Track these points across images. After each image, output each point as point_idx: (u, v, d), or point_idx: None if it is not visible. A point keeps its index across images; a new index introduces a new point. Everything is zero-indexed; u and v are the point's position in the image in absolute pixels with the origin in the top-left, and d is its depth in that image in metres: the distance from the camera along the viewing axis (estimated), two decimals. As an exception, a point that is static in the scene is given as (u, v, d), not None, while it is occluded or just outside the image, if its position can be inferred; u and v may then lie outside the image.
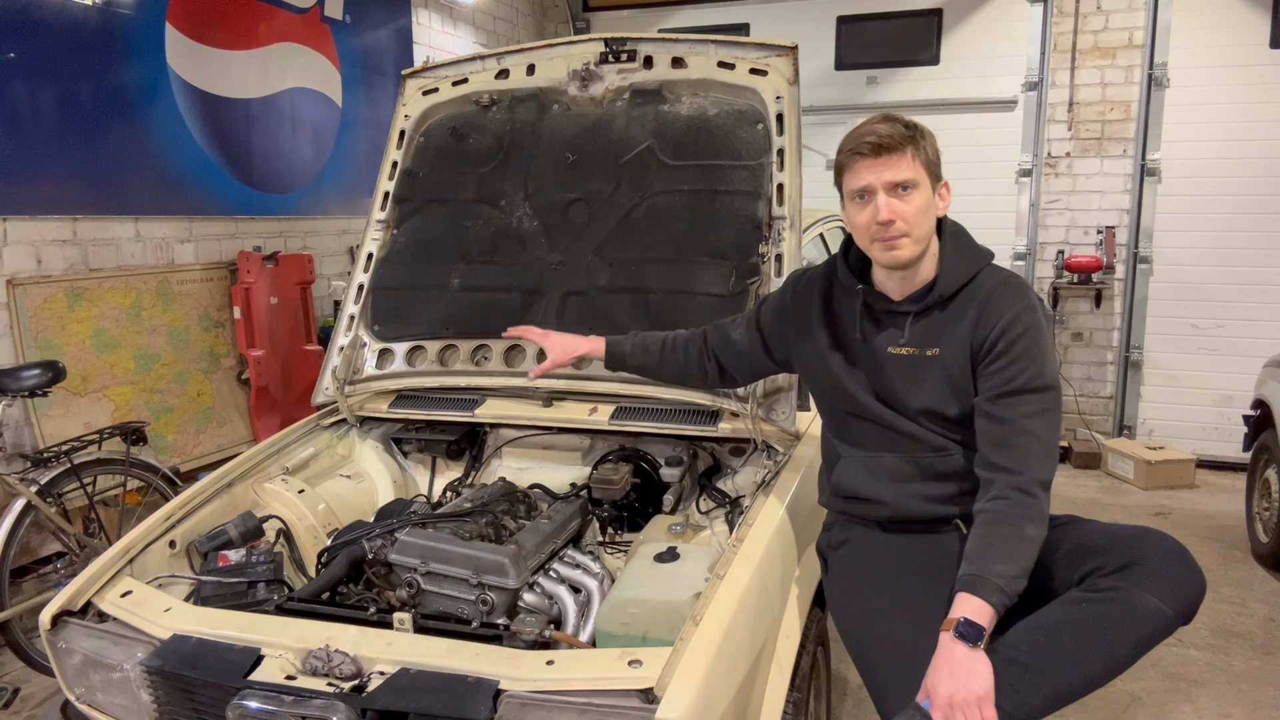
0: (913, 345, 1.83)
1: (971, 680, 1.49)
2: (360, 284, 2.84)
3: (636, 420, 2.42)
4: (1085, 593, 1.59)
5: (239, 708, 1.57)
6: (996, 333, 1.73)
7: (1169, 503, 5.13)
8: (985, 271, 1.83)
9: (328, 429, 2.73)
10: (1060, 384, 1.79)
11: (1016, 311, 1.74)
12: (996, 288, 1.79)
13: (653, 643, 1.72)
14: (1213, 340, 5.83)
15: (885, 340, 1.87)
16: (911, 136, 1.75)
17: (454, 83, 2.89)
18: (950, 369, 1.79)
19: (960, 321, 1.79)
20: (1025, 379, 1.70)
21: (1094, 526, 1.77)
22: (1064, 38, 5.95)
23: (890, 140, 1.72)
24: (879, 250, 1.78)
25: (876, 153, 1.73)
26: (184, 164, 4.18)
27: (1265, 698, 3.03)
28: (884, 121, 1.76)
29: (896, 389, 1.86)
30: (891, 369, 1.86)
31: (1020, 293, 1.78)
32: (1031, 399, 1.70)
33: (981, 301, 1.78)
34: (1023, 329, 1.72)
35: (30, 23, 3.46)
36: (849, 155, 1.77)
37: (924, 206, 1.76)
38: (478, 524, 2.19)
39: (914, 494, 1.87)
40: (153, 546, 2.08)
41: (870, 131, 1.74)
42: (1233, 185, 5.66)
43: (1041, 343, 1.73)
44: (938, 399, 1.81)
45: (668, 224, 2.57)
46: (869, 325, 1.90)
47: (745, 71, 2.56)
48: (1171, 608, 1.55)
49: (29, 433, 3.49)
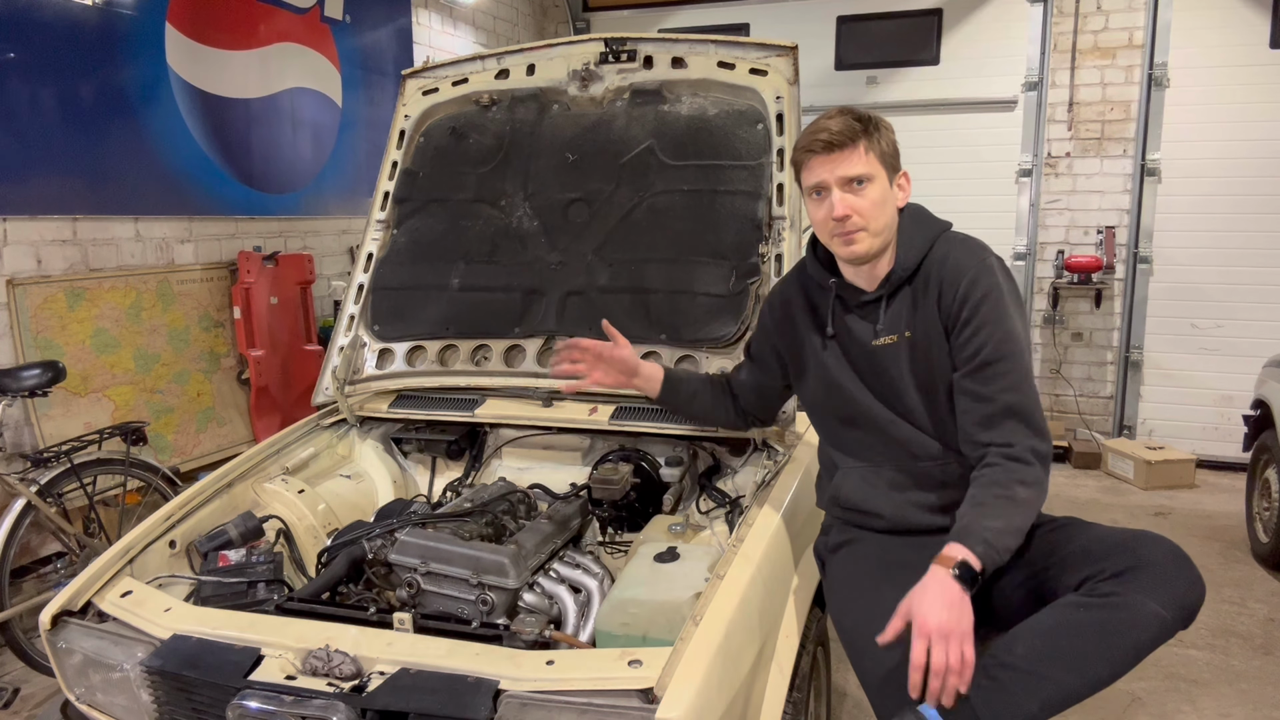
0: (891, 332, 1.85)
1: (963, 618, 1.50)
2: (360, 284, 2.84)
3: (636, 420, 2.42)
4: (1084, 597, 1.58)
5: (239, 708, 1.57)
6: (959, 301, 1.75)
7: (1169, 503, 5.13)
8: (941, 240, 1.85)
9: (328, 429, 2.73)
10: (1027, 341, 1.79)
11: (973, 275, 1.75)
12: (951, 253, 1.81)
13: (653, 643, 1.72)
14: (1213, 340, 5.83)
15: (865, 333, 1.89)
16: (865, 129, 1.76)
17: (454, 83, 2.90)
18: (928, 348, 1.81)
19: (926, 297, 1.81)
20: (994, 346, 1.71)
21: (1093, 530, 1.75)
22: (1064, 38, 5.95)
23: (841, 136, 1.74)
24: (838, 245, 1.81)
25: (828, 149, 1.75)
26: (184, 164, 4.18)
27: (1265, 698, 3.03)
28: (836, 116, 1.77)
29: (890, 380, 1.87)
30: (880, 361, 1.87)
31: (975, 255, 1.79)
32: (1006, 367, 1.71)
33: (942, 271, 1.79)
34: (982, 293, 1.74)
35: (30, 23, 3.46)
36: (803, 152, 1.79)
37: (880, 200, 1.78)
38: (478, 524, 2.19)
39: (912, 504, 1.87)
40: (153, 546, 2.08)
41: (822, 129, 1.76)
42: (1233, 185, 5.66)
43: (1003, 303, 1.74)
44: (927, 381, 1.82)
45: (668, 224, 2.57)
46: (846, 319, 1.92)
47: (745, 71, 2.56)
48: (1171, 613, 1.54)
49: (29, 433, 3.49)
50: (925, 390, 1.84)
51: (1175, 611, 1.54)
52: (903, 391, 1.86)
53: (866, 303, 1.89)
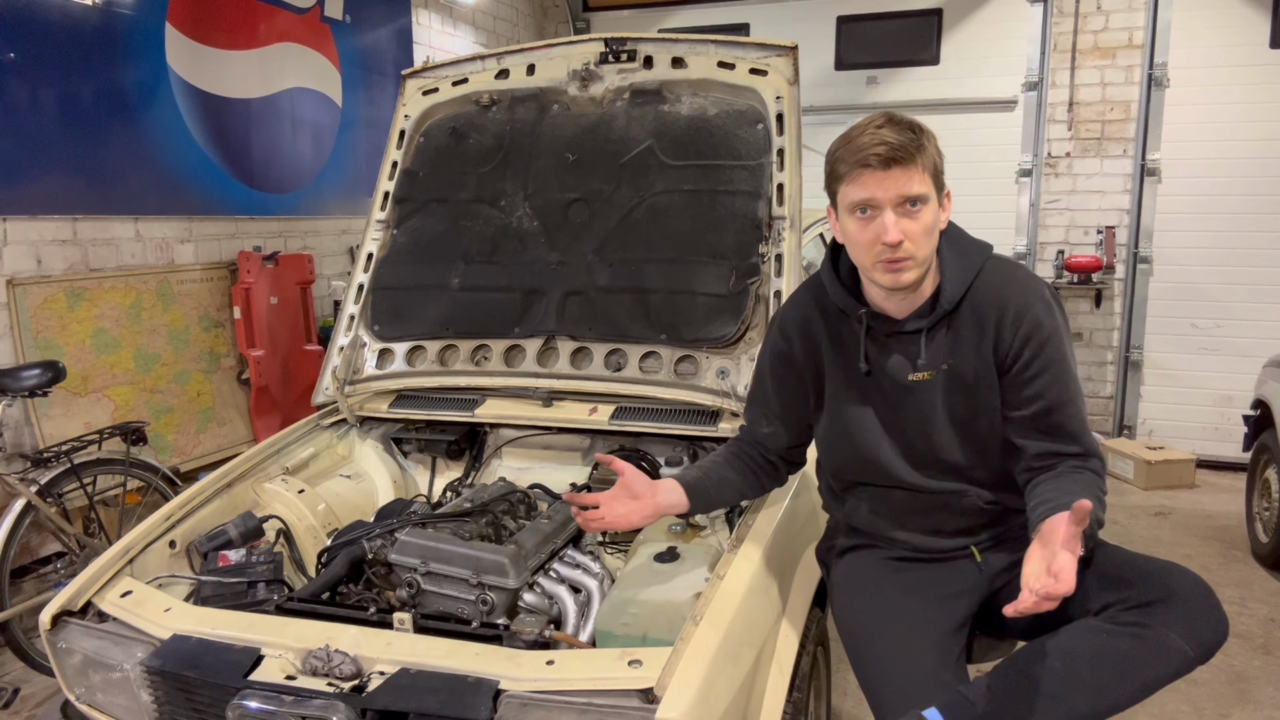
0: (930, 367, 1.69)
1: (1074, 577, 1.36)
2: (360, 284, 2.84)
3: (636, 420, 2.42)
4: (1107, 623, 1.55)
5: (239, 708, 1.57)
6: (1021, 341, 1.62)
7: (1169, 503, 5.13)
8: (988, 267, 1.69)
9: (328, 429, 2.73)
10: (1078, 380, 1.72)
11: (1036, 316, 1.63)
12: (1008, 288, 1.66)
13: (653, 643, 1.72)
14: (1213, 340, 5.83)
15: (900, 368, 1.72)
16: (920, 144, 1.57)
17: (454, 83, 2.90)
18: (971, 383, 1.68)
19: (976, 330, 1.66)
20: (1058, 390, 1.62)
21: (1118, 555, 1.69)
22: (1064, 38, 5.95)
23: (902, 150, 1.54)
24: (882, 272, 1.61)
25: (886, 165, 1.54)
26: (184, 164, 4.18)
27: (1265, 697, 3.03)
28: (890, 125, 1.57)
29: (920, 419, 1.73)
30: (913, 398, 1.73)
31: (1034, 290, 1.66)
32: (1071, 411, 1.63)
33: (997, 306, 1.65)
34: (1047, 334, 1.62)
35: (30, 23, 3.46)
36: (853, 165, 1.57)
37: (931, 225, 1.60)
38: (478, 524, 2.19)
39: (924, 529, 1.82)
40: (153, 546, 2.08)
41: (879, 140, 1.55)
42: (1233, 185, 5.66)
43: (1064, 345, 1.65)
44: (965, 416, 1.70)
45: (668, 224, 2.57)
46: (876, 353, 1.75)
47: (745, 71, 2.56)
48: (1195, 650, 1.51)
49: (29, 433, 3.49)
50: (959, 425, 1.72)
51: (1199, 649, 1.51)
52: (933, 431, 1.73)
53: (901, 334, 1.71)
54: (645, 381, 2.45)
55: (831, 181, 1.67)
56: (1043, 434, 1.64)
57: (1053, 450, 1.64)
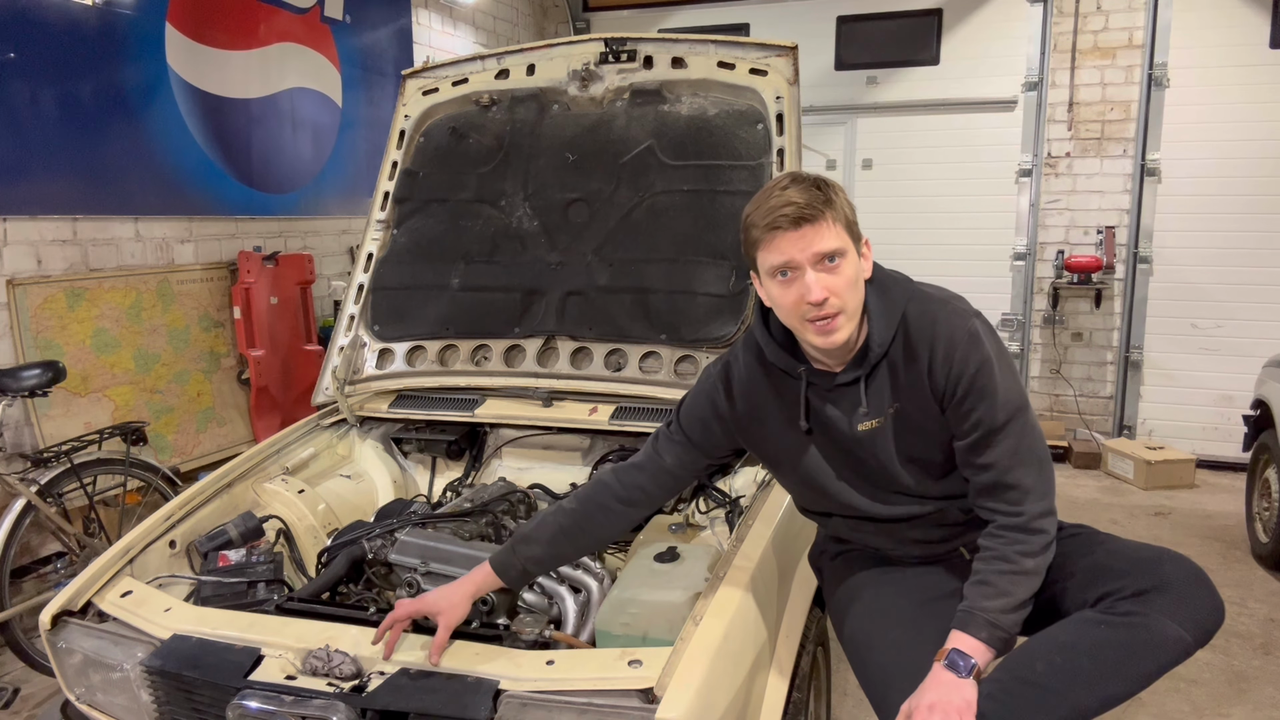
0: (876, 414, 1.69)
1: (953, 693, 1.49)
2: (360, 284, 2.84)
3: (636, 420, 2.42)
4: (1104, 615, 1.56)
5: (239, 708, 1.57)
6: (952, 379, 1.62)
7: (1169, 503, 5.13)
8: (912, 306, 1.67)
9: (328, 429, 2.73)
10: (1025, 395, 1.68)
11: (963, 351, 1.61)
12: (935, 325, 1.64)
13: (653, 643, 1.72)
14: (1212, 340, 5.83)
15: (845, 420, 1.72)
16: (828, 199, 1.57)
17: (454, 83, 2.90)
18: (919, 420, 1.68)
19: (912, 367, 1.66)
20: (990, 418, 1.61)
21: (1111, 544, 1.71)
22: (1064, 38, 5.95)
23: (810, 209, 1.54)
24: (813, 333, 1.60)
25: (797, 224, 1.54)
26: (184, 164, 4.18)
27: (1265, 697, 3.03)
28: (795, 185, 1.57)
29: (877, 465, 1.73)
30: (865, 448, 1.72)
31: (959, 322, 1.63)
32: (1005, 434, 1.61)
33: (926, 343, 1.64)
34: (975, 367, 1.60)
35: (30, 23, 3.46)
36: (764, 230, 1.57)
37: (854, 277, 1.60)
38: (478, 524, 2.19)
39: (908, 539, 1.83)
40: (153, 546, 2.08)
41: (785, 201, 1.55)
42: (1233, 185, 5.66)
43: (995, 373, 1.61)
44: (920, 452, 1.71)
45: (668, 224, 2.57)
46: (820, 407, 1.74)
47: (745, 71, 2.56)
48: (1192, 635, 1.52)
49: (29, 433, 3.49)
50: (918, 462, 1.72)
51: (1196, 634, 1.53)
52: (893, 475, 1.73)
53: (840, 385, 1.71)
54: (645, 381, 2.46)
55: (749, 249, 1.65)
56: (980, 470, 1.64)
57: (989, 506, 1.65)
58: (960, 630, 1.56)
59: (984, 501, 1.66)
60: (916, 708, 1.50)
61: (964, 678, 1.51)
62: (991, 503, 1.65)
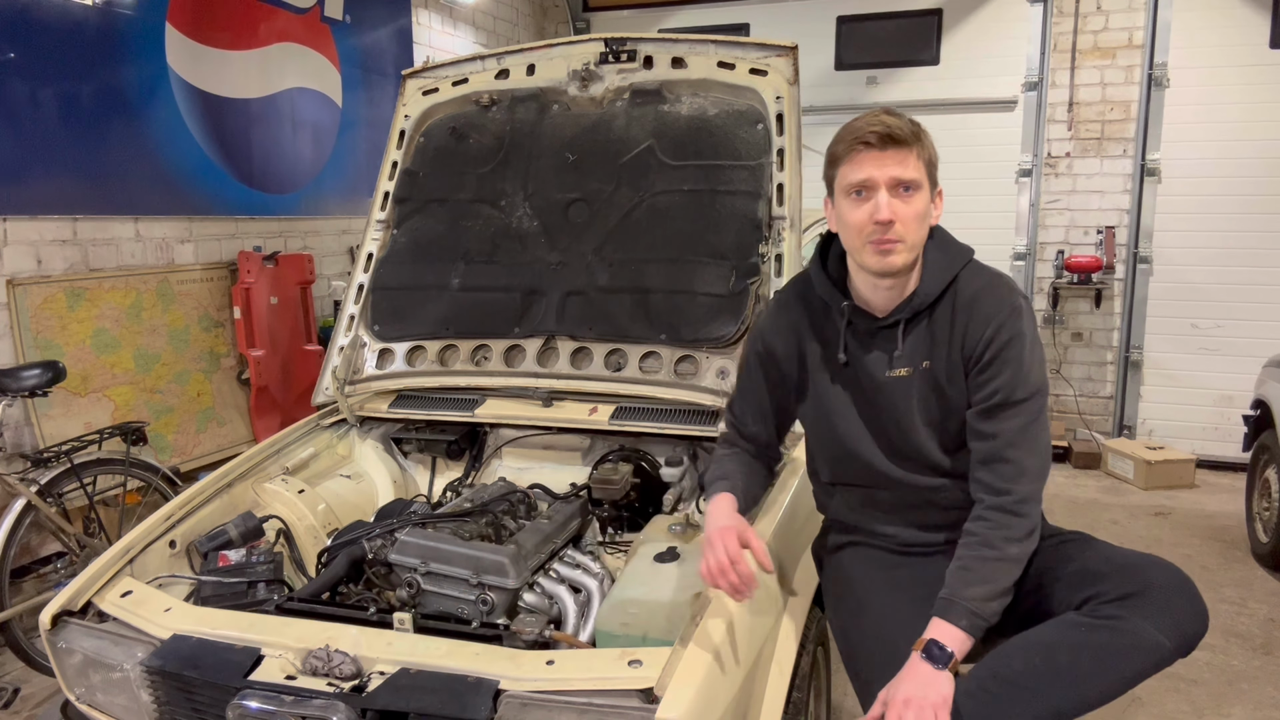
0: (908, 364, 1.73)
1: (929, 688, 1.49)
2: (360, 284, 2.84)
3: (636, 420, 2.42)
4: (1086, 617, 1.57)
5: (239, 708, 1.57)
6: (984, 342, 1.66)
7: (1169, 503, 5.13)
8: (967, 271, 1.73)
9: (328, 429, 2.73)
10: (1047, 383, 1.73)
11: (1001, 319, 1.66)
12: (982, 291, 1.70)
13: (653, 643, 1.72)
14: (1213, 340, 5.83)
15: (878, 364, 1.76)
16: (917, 134, 1.65)
17: (454, 83, 2.90)
18: (944, 381, 1.72)
19: (949, 330, 1.70)
20: (1009, 390, 1.64)
21: (1101, 548, 1.72)
22: (1064, 38, 5.95)
23: (900, 133, 1.61)
24: (870, 253, 1.65)
25: (884, 144, 1.61)
26: (184, 164, 4.18)
27: (1265, 697, 3.03)
28: (889, 113, 1.63)
29: (897, 416, 1.76)
30: (889, 396, 1.76)
31: (1005, 296, 1.69)
32: (1019, 410, 1.64)
33: (967, 307, 1.69)
34: (1008, 337, 1.64)
35: (30, 23, 3.46)
36: (851, 144, 1.63)
37: (922, 212, 1.66)
38: (478, 524, 2.19)
39: (908, 523, 1.85)
40: (153, 546, 2.08)
41: (878, 121, 1.61)
42: (1233, 185, 5.66)
43: (1025, 349, 1.66)
44: (939, 415, 1.74)
45: (668, 224, 2.57)
46: (856, 347, 1.79)
47: (745, 71, 2.56)
48: (1171, 641, 1.52)
49: (29, 433, 3.49)
50: (932, 425, 1.75)
51: (1176, 640, 1.52)
52: (908, 427, 1.76)
53: (880, 329, 1.75)
54: (645, 381, 2.45)
55: (829, 167, 1.72)
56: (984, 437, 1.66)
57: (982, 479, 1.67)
58: (941, 618, 1.57)
59: (979, 473, 1.68)
60: (892, 700, 1.51)
61: (941, 669, 1.51)
62: (986, 475, 1.67)
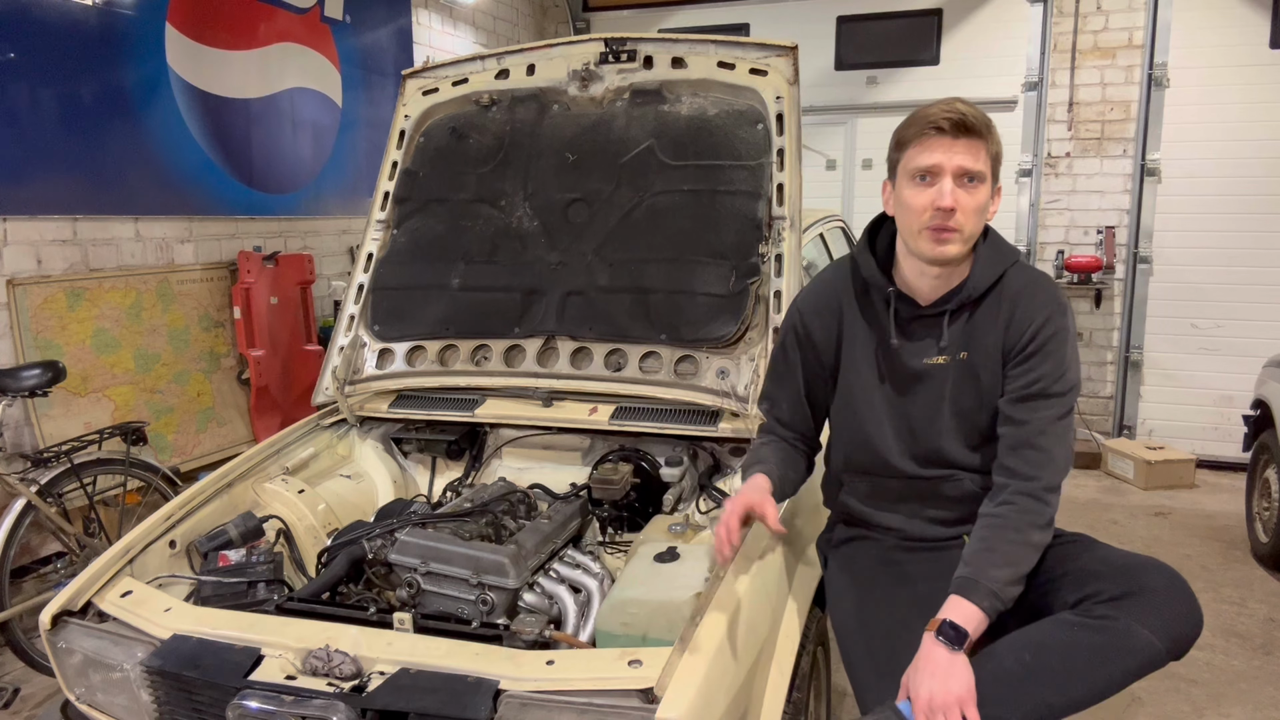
0: (948, 352, 1.75)
1: (950, 680, 1.49)
2: (360, 284, 2.84)
3: (636, 420, 2.42)
4: (1079, 617, 1.57)
5: (239, 708, 1.57)
6: (1031, 332, 1.68)
7: (1169, 503, 5.13)
8: (1013, 269, 1.75)
9: (328, 429, 2.73)
10: (1080, 384, 1.76)
11: (1049, 313, 1.69)
12: (1028, 287, 1.73)
13: (653, 643, 1.72)
14: (1213, 340, 5.83)
15: (918, 350, 1.77)
16: (989, 127, 1.65)
17: (454, 83, 2.89)
18: (982, 372, 1.74)
19: (992, 322, 1.73)
20: (1048, 381, 1.67)
21: (1099, 550, 1.73)
22: (1064, 38, 5.95)
23: (974, 122, 1.61)
24: (926, 239, 1.65)
25: (956, 132, 1.60)
26: (184, 164, 4.18)
27: (1265, 698, 3.03)
28: (964, 103, 1.63)
29: (927, 403, 1.78)
30: (923, 382, 1.77)
31: (1054, 291, 1.73)
32: (1053, 403, 1.67)
33: (1012, 301, 1.72)
34: (1053, 330, 1.68)
35: (30, 23, 3.46)
36: (923, 128, 1.63)
37: (982, 206, 1.67)
38: (478, 524, 2.19)
39: (920, 516, 1.86)
40: (153, 546, 2.08)
41: (953, 109, 1.61)
42: (1233, 185, 5.66)
43: (1068, 345, 1.69)
44: (970, 405, 1.75)
45: (668, 224, 2.57)
46: (898, 334, 1.79)
47: (745, 71, 2.56)
48: (1164, 643, 1.52)
49: (29, 433, 3.49)
50: (962, 415, 1.77)
51: (1168, 642, 1.53)
52: (937, 418, 1.78)
53: (921, 316, 1.77)
54: (645, 381, 2.45)
55: (895, 150, 1.72)
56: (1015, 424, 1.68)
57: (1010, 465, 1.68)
58: (961, 596, 1.56)
59: (1007, 459, 1.68)
60: (915, 699, 1.50)
61: (956, 651, 1.51)
62: (1014, 460, 1.67)
